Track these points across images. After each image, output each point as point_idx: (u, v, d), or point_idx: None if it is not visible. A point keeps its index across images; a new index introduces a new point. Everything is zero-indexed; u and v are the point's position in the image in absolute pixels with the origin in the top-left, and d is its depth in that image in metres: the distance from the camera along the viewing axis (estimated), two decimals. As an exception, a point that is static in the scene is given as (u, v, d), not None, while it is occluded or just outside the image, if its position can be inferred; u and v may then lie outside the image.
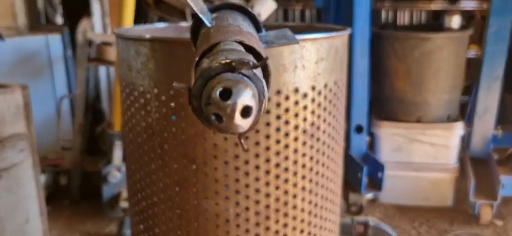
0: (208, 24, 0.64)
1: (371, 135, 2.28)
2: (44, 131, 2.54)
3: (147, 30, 1.26)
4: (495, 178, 2.06)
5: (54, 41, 2.58)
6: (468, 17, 2.48)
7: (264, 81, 0.41)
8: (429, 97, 2.15)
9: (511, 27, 2.06)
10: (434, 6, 2.36)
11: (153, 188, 1.03)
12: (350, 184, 2.12)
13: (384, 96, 2.29)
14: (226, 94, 0.39)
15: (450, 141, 2.16)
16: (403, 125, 2.19)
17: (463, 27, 2.23)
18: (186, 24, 1.39)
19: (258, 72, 0.42)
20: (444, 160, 2.18)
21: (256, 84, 0.40)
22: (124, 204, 2.05)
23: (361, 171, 2.04)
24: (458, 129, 2.16)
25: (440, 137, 2.15)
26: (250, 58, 0.42)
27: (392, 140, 2.21)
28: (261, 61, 0.41)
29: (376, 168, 2.09)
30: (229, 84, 0.39)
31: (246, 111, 0.40)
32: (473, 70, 2.46)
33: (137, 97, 1.00)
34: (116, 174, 2.06)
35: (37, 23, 3.02)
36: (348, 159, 2.15)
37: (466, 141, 2.27)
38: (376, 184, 2.10)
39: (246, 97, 0.39)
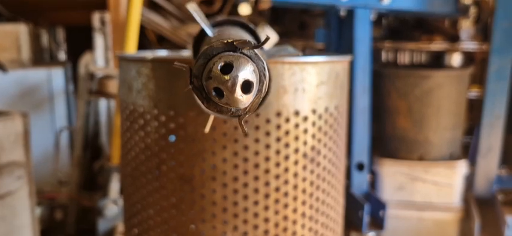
0: (211, 35, 0.64)
1: (372, 173, 2.25)
2: (41, 164, 2.52)
3: (148, 55, 1.27)
4: (500, 218, 2.02)
5: (57, 75, 2.60)
6: (468, 59, 2.50)
7: (265, 62, 0.41)
8: (431, 135, 2.13)
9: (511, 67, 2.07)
10: (435, 47, 2.38)
11: (149, 211, 1.00)
12: (351, 222, 2.08)
13: (385, 134, 2.27)
14: (228, 69, 0.39)
15: (453, 180, 2.13)
16: (405, 163, 2.17)
17: (464, 66, 2.24)
18: (187, 52, 1.40)
19: (260, 53, 0.42)
20: (448, 200, 2.14)
21: (257, 63, 0.40)
22: (120, 238, 2.01)
23: (362, 209, 2.00)
24: (461, 167, 2.14)
25: (443, 175, 2.12)
26: (252, 39, 0.42)
27: (395, 178, 2.18)
28: (263, 41, 0.41)
29: (378, 206, 2.05)
30: (231, 59, 0.39)
31: (246, 86, 0.40)
32: (475, 111, 2.46)
33: (136, 117, 1.00)
34: (112, 207, 2.02)
35: (41, 58, 3.06)
36: (349, 197, 2.11)
37: (470, 181, 2.24)
38: (377, 222, 2.05)
39: (246, 72, 0.39)
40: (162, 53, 1.34)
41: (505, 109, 2.13)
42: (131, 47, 1.92)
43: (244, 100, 0.39)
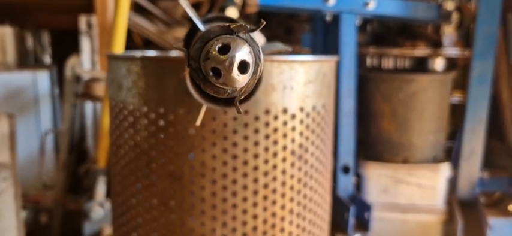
0: (202, 29, 0.65)
1: (358, 176, 2.28)
2: (26, 168, 2.50)
3: (138, 54, 1.27)
4: (483, 220, 2.06)
5: (42, 78, 2.58)
6: (451, 65, 2.55)
7: (259, 46, 0.43)
8: (415, 138, 2.17)
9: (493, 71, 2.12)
10: (418, 53, 2.42)
11: (138, 209, 1.01)
12: (337, 224, 2.10)
13: (370, 137, 2.30)
14: (225, 50, 0.41)
15: (437, 182, 2.16)
16: (389, 166, 2.20)
17: (447, 71, 2.28)
18: (176, 53, 1.41)
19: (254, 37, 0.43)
20: (431, 202, 2.18)
21: (253, 46, 0.42)
22: (106, 241, 2.00)
23: (348, 211, 2.02)
24: (445, 170, 2.17)
25: (426, 178, 2.16)
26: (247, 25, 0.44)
27: (379, 181, 2.21)
28: (258, 25, 0.43)
29: (363, 209, 2.07)
30: (228, 41, 0.41)
31: (243, 66, 0.42)
32: (458, 116, 2.50)
33: (126, 116, 1.00)
34: (98, 210, 2.01)
35: (26, 61, 3.04)
36: (335, 199, 2.13)
37: (453, 184, 2.28)
38: (363, 224, 2.08)
39: (243, 52, 0.41)
40: (151, 53, 1.35)
41: (487, 114, 2.17)
42: (118, 50, 1.92)
43: (241, 80, 0.41)
